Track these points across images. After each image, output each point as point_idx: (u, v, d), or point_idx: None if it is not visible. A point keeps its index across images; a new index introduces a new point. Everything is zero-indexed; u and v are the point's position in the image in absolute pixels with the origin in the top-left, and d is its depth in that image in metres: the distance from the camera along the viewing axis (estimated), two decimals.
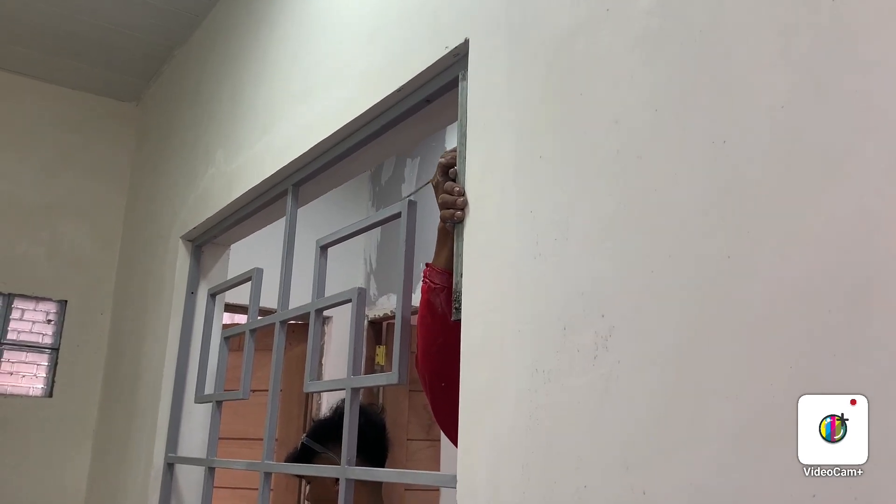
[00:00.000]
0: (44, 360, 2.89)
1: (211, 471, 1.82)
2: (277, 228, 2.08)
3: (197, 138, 2.34)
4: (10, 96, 2.93)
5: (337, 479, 1.72)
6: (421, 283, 1.27)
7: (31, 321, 2.89)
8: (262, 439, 1.60)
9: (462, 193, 1.06)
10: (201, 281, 2.26)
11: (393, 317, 3.65)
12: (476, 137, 1.06)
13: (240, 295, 2.12)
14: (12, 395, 2.78)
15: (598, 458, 0.77)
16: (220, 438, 1.88)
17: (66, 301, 2.92)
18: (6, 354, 2.83)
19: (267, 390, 1.64)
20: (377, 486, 1.75)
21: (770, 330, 0.64)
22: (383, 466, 1.85)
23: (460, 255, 1.06)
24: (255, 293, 1.81)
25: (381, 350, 3.67)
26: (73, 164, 3.01)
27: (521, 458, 0.86)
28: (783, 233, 0.65)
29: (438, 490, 2.98)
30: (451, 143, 3.16)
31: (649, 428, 0.72)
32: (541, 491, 0.82)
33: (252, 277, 1.83)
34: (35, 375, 2.88)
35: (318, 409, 3.61)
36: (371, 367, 3.56)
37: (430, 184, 1.20)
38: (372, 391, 3.46)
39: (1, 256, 2.81)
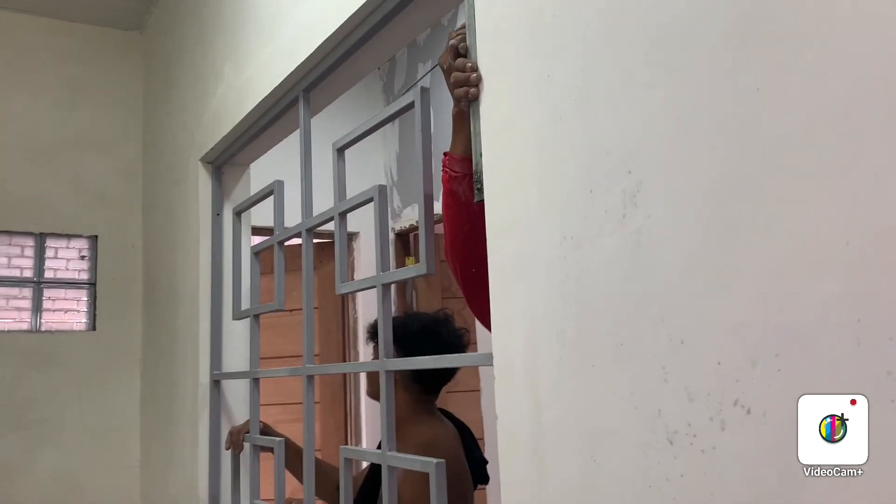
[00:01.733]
0: (83, 295, 2.96)
1: (256, 382, 1.86)
2: (296, 145, 2.05)
3: (204, 56, 2.30)
4: (14, 35, 2.90)
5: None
6: (441, 174, 1.25)
7: (65, 258, 2.94)
8: (301, 356, 1.63)
9: (475, 69, 1.02)
10: (225, 202, 2.27)
11: (418, 227, 3.66)
12: (485, 5, 1.01)
13: (266, 218, 2.12)
14: (58, 332, 2.87)
15: (633, 315, 0.76)
16: (262, 358, 1.91)
17: (96, 236, 2.96)
18: (47, 293, 2.90)
19: (302, 309, 1.65)
20: (428, 388, 1.76)
21: (805, 160, 0.62)
22: (450, 378, 1.83)
23: (478, 134, 1.03)
24: (279, 205, 1.80)
25: (409, 261, 3.69)
26: (86, 98, 2.99)
27: (556, 326, 0.85)
28: (815, 57, 0.61)
29: (479, 391, 3.05)
30: None
31: (683, 277, 0.71)
32: (577, 355, 0.82)
33: (274, 190, 1.82)
34: (77, 311, 2.95)
35: (355, 323, 3.68)
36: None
37: (440, 66, 1.16)
38: (405, 298, 3.50)
39: (28, 197, 2.84)
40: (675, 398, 0.71)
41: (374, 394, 1.84)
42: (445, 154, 1.23)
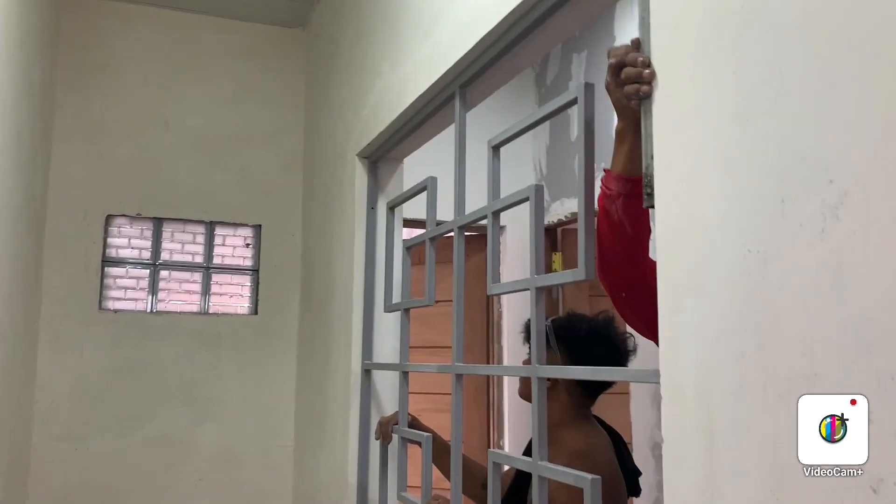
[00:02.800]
0: (246, 280, 3.14)
1: (405, 375, 1.88)
2: (447, 140, 2.05)
3: (364, 53, 2.35)
4: (191, 35, 3.10)
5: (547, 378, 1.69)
6: (599, 190, 1.20)
7: (231, 246, 3.13)
8: (447, 347, 1.63)
9: (647, 64, 0.95)
10: (379, 196, 2.31)
11: (567, 222, 3.58)
12: None
13: (416, 210, 2.15)
14: (224, 314, 3.06)
15: (832, 342, 0.67)
16: (409, 346, 1.93)
17: (260, 225, 3.13)
18: (214, 277, 3.10)
19: (450, 301, 1.65)
20: (589, 393, 1.71)
21: None
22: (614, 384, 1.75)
23: (650, 135, 0.96)
24: (432, 201, 1.81)
25: (557, 256, 3.62)
26: (252, 94, 3.16)
27: (735, 348, 0.78)
28: None
29: (628, 393, 2.94)
30: (620, 29, 2.95)
31: None
32: (760, 381, 0.74)
33: (427, 186, 1.83)
34: (241, 295, 3.14)
35: (500, 318, 3.66)
36: None
37: (608, 57, 1.10)
38: (552, 298, 3.44)
39: (200, 187, 3.05)
40: (882, 441, 0.62)
41: (526, 395, 1.80)
42: (605, 170, 1.19)
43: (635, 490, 1.71)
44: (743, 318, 0.77)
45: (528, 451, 1.85)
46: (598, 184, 1.21)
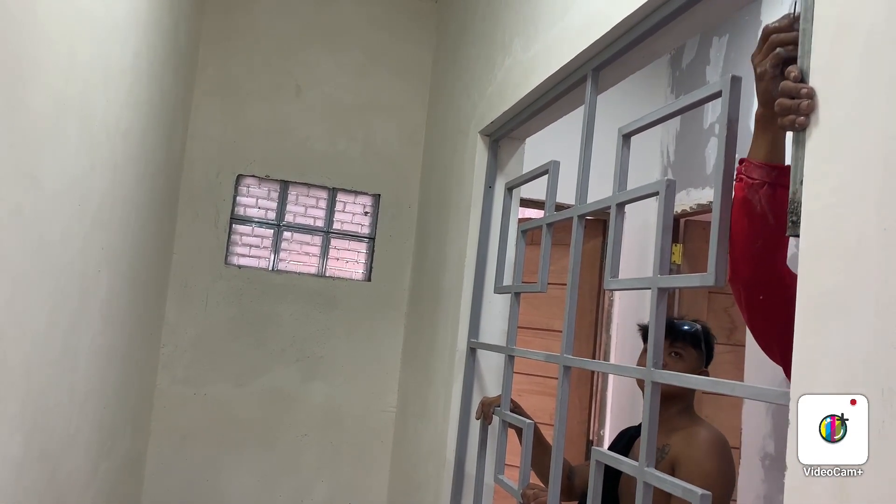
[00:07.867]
0: (362, 247, 3.21)
1: (510, 358, 1.87)
2: (569, 121, 2.00)
3: (494, 29, 2.31)
4: (328, 3, 3.16)
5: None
6: (735, 181, 1.12)
7: (351, 213, 3.20)
8: (553, 330, 1.60)
9: (810, 95, 0.86)
10: (498, 175, 2.29)
11: (691, 213, 3.43)
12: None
13: (531, 189, 2.12)
14: (339, 278, 3.15)
15: None
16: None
17: (379, 195, 3.18)
18: (333, 242, 3.19)
19: (559, 283, 1.62)
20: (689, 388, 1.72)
21: None
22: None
23: (801, 158, 0.88)
24: (552, 186, 1.77)
25: (676, 248, 3.49)
26: (381, 64, 3.19)
27: (881, 381, 0.71)
28: None
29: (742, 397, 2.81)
30: (767, 14, 2.77)
31: None
32: None
33: (549, 170, 1.79)
34: (356, 261, 3.21)
35: (611, 305, 3.58)
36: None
37: (753, 66, 1.03)
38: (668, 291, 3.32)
39: (326, 154, 3.13)
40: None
41: None
42: (743, 159, 1.10)
43: None
44: (894, 349, 0.70)
45: (617, 441, 1.83)
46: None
